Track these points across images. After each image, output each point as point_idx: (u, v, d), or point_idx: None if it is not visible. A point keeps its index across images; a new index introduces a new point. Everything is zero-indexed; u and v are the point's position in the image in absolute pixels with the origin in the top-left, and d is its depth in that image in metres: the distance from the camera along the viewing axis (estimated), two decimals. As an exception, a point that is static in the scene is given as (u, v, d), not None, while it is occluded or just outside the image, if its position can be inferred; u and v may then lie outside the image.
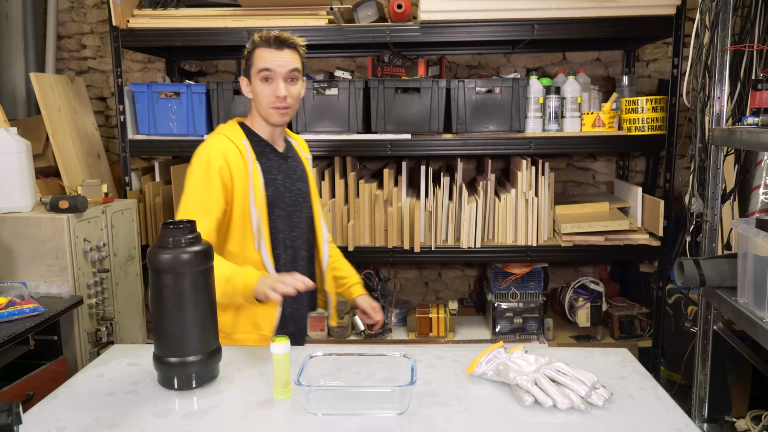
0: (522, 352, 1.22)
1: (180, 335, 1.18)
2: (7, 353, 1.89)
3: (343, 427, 1.05)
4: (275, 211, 1.71)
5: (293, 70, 1.67)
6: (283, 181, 1.74)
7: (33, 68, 3.11)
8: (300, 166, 1.84)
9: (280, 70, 1.65)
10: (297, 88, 1.70)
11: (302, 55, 1.72)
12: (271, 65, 1.64)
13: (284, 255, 1.74)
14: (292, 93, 1.68)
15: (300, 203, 1.79)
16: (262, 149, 1.73)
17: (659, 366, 2.79)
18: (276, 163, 1.74)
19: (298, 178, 1.80)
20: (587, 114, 2.63)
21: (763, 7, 2.01)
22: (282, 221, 1.73)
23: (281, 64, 1.64)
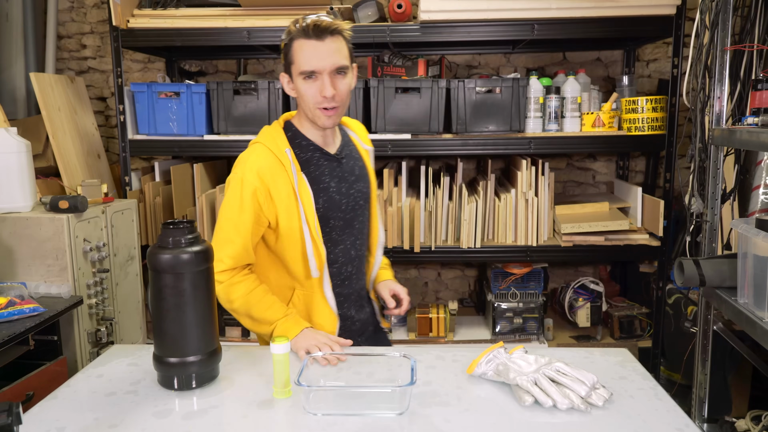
0: (522, 353, 1.22)
1: (180, 335, 1.17)
2: (7, 353, 1.88)
3: (343, 427, 1.05)
4: (330, 222, 1.51)
5: (340, 67, 1.42)
6: (337, 187, 1.53)
7: (33, 68, 3.11)
8: (358, 163, 1.60)
9: (325, 67, 1.40)
10: (346, 81, 1.46)
11: (349, 40, 1.46)
12: (314, 65, 1.40)
13: (349, 267, 1.58)
14: (341, 90, 1.44)
15: (361, 206, 1.58)
16: (309, 155, 1.51)
17: (659, 366, 2.79)
18: (328, 168, 1.52)
19: (357, 178, 1.58)
20: (587, 114, 2.63)
21: (763, 7, 2.01)
22: (340, 232, 1.54)
23: (326, 59, 1.40)
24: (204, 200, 2.69)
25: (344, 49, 1.44)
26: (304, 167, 1.49)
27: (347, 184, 1.55)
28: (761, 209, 2.20)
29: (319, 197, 1.49)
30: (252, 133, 2.69)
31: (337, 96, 1.43)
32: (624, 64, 3.11)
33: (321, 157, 1.52)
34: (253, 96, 2.67)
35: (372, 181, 1.63)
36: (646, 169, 3.20)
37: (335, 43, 1.41)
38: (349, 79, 1.47)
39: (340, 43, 1.42)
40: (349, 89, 1.48)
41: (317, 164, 1.51)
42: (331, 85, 1.42)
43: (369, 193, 1.61)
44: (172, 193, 2.75)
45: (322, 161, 1.52)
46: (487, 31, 2.54)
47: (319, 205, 1.49)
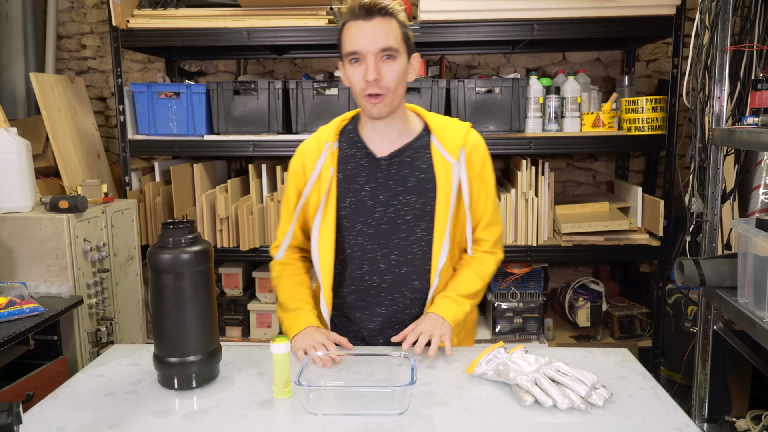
0: (522, 352, 1.22)
1: (180, 335, 1.17)
2: (7, 353, 1.88)
3: (343, 427, 1.05)
4: (357, 226, 1.43)
5: (385, 49, 1.30)
6: (372, 193, 1.42)
7: (33, 68, 3.11)
8: (419, 175, 1.42)
9: (369, 48, 1.30)
10: (396, 67, 1.33)
11: (403, 22, 1.34)
12: (357, 45, 1.30)
13: (377, 279, 1.46)
14: (387, 75, 1.32)
15: (407, 222, 1.42)
16: (353, 152, 1.44)
17: (659, 366, 2.79)
18: (366, 170, 1.43)
19: (408, 190, 1.42)
20: (587, 114, 2.63)
21: (763, 7, 2.01)
22: (369, 239, 1.44)
23: (370, 40, 1.30)
24: (204, 200, 2.69)
25: (395, 31, 1.32)
26: (342, 162, 1.44)
27: (389, 193, 1.42)
28: (761, 209, 2.20)
29: (346, 197, 1.43)
30: (252, 133, 2.69)
31: (382, 81, 1.31)
32: (624, 64, 3.11)
33: (363, 158, 1.43)
34: (253, 96, 2.67)
35: (442, 199, 1.41)
36: (646, 169, 3.20)
37: (384, 25, 1.30)
38: (399, 65, 1.33)
39: (390, 24, 1.31)
40: (399, 76, 1.34)
41: (357, 163, 1.43)
42: (375, 68, 1.30)
43: (428, 210, 1.42)
44: (172, 193, 2.75)
45: (363, 161, 1.43)
46: (487, 31, 2.54)
47: (345, 204, 1.43)
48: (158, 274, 1.16)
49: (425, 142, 1.45)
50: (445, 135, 1.44)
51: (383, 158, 1.43)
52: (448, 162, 1.41)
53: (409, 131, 1.45)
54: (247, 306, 2.92)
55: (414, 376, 1.12)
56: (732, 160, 2.21)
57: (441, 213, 1.41)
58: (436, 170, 1.42)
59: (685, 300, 2.46)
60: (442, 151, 1.42)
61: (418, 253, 1.44)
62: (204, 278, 1.19)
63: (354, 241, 1.45)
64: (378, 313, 1.49)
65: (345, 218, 1.44)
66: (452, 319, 1.40)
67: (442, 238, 1.41)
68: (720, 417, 2.13)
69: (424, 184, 1.42)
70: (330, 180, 1.41)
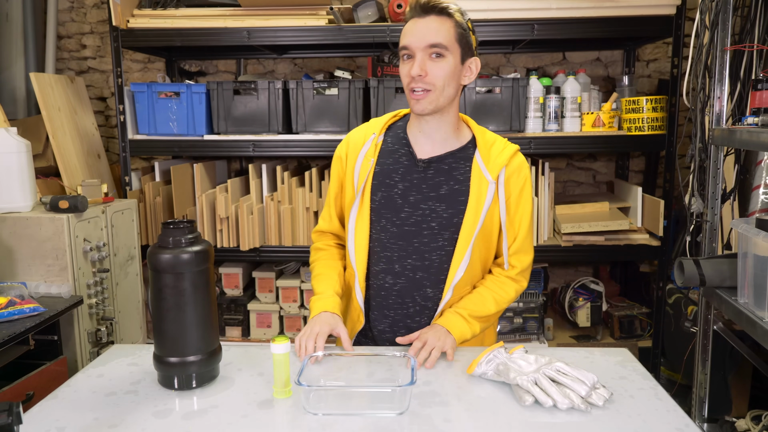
0: (522, 352, 1.22)
1: (180, 335, 1.17)
2: (7, 353, 1.89)
3: (343, 427, 1.05)
4: (382, 222, 1.44)
5: (433, 45, 1.30)
6: (404, 191, 1.42)
7: (33, 68, 3.11)
8: (453, 185, 1.40)
9: (416, 44, 1.31)
10: (443, 66, 1.32)
11: (461, 24, 1.33)
12: (407, 41, 1.32)
13: (390, 280, 1.45)
14: (432, 72, 1.32)
15: (432, 228, 1.41)
16: (394, 148, 1.45)
17: (659, 366, 2.79)
18: (404, 168, 1.43)
19: (440, 198, 1.40)
20: (587, 114, 2.63)
21: (763, 7, 2.01)
22: (391, 237, 1.44)
23: (420, 35, 1.30)
24: (204, 200, 2.69)
25: (448, 30, 1.31)
26: (383, 156, 1.45)
27: (420, 196, 1.41)
28: (761, 209, 2.20)
29: (378, 191, 1.43)
30: (252, 133, 2.69)
31: (427, 77, 1.31)
32: (624, 64, 3.11)
33: (404, 155, 1.43)
34: (253, 96, 2.67)
35: (471, 213, 1.38)
36: (646, 169, 3.20)
37: (438, 22, 1.31)
38: (448, 65, 1.32)
39: (444, 23, 1.31)
40: (447, 75, 1.32)
41: (396, 160, 1.44)
42: (421, 64, 1.31)
43: (453, 220, 1.40)
44: (172, 193, 2.75)
45: (402, 159, 1.43)
46: (487, 31, 2.55)
47: (376, 197, 1.43)
48: (158, 274, 1.16)
49: (468, 154, 1.43)
50: (489, 153, 1.43)
51: (422, 160, 1.42)
52: (486, 180, 1.40)
53: (455, 139, 1.44)
54: (247, 306, 2.92)
55: (414, 376, 1.12)
56: (732, 160, 2.21)
57: (467, 227, 1.39)
58: (471, 184, 1.40)
59: (685, 300, 2.46)
60: (483, 167, 1.41)
61: (436, 261, 1.43)
62: (204, 278, 1.19)
63: (376, 236, 1.45)
64: (387, 315, 1.49)
65: (373, 212, 1.45)
66: (458, 335, 1.38)
67: (464, 253, 1.39)
68: (720, 417, 2.13)
69: (456, 195, 1.40)
70: (369, 171, 1.44)
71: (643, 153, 3.21)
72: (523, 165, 1.46)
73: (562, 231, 2.61)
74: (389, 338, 1.49)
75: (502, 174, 1.41)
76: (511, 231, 1.46)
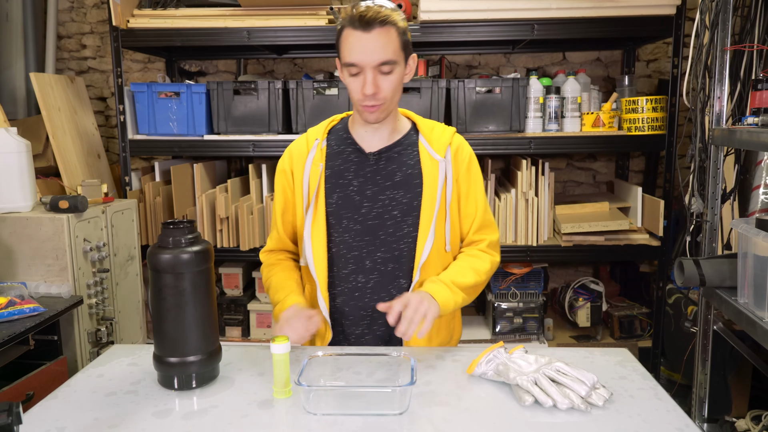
0: (522, 352, 1.22)
1: (180, 335, 1.17)
2: (7, 353, 1.89)
3: (343, 427, 1.05)
4: (343, 223, 1.43)
5: (384, 63, 1.31)
6: (360, 187, 1.43)
7: (33, 68, 3.11)
8: (406, 170, 1.43)
9: (367, 62, 1.31)
10: (393, 78, 1.34)
11: (403, 29, 1.34)
12: (356, 58, 1.31)
13: (362, 279, 1.45)
14: (384, 87, 1.34)
15: (394, 217, 1.42)
16: (342, 148, 1.46)
17: (659, 366, 2.79)
18: (355, 165, 1.44)
19: (395, 185, 1.42)
20: (587, 114, 2.63)
21: (763, 7, 2.01)
22: (354, 236, 1.43)
23: (369, 53, 1.30)
24: (204, 200, 2.69)
25: (394, 42, 1.31)
26: (330, 159, 1.45)
27: (376, 188, 1.42)
28: (761, 209, 2.20)
29: (334, 193, 1.43)
30: (252, 133, 2.69)
31: (379, 94, 1.33)
32: (624, 64, 3.11)
33: (352, 153, 1.45)
34: (253, 96, 2.67)
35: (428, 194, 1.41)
36: (646, 169, 3.20)
37: (383, 36, 1.29)
38: (397, 76, 1.35)
39: (389, 35, 1.30)
40: (396, 86, 1.36)
41: (345, 159, 1.45)
42: (373, 82, 1.32)
43: (413, 204, 1.41)
44: (172, 193, 2.76)
45: (351, 157, 1.45)
46: (487, 31, 2.54)
47: (333, 200, 1.43)
48: (158, 274, 1.16)
49: (413, 140, 1.47)
50: (432, 135, 1.47)
51: (372, 153, 1.44)
52: (435, 159, 1.44)
53: (398, 130, 1.48)
54: (247, 306, 2.92)
55: (414, 376, 1.12)
56: (732, 160, 2.21)
57: (427, 208, 1.41)
58: (423, 166, 1.44)
59: (685, 300, 2.46)
60: (429, 149, 1.45)
61: (405, 249, 1.43)
62: (204, 278, 1.19)
63: (340, 239, 1.44)
64: (364, 316, 1.47)
65: (331, 215, 1.44)
66: (442, 301, 1.34)
67: (427, 233, 1.41)
68: (720, 417, 2.13)
69: (411, 179, 1.43)
70: (319, 176, 1.43)
71: (643, 153, 3.21)
72: (463, 142, 1.52)
73: (562, 231, 2.61)
74: (369, 341, 1.48)
75: (448, 151, 1.46)
76: (470, 207, 1.49)
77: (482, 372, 1.22)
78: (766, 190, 2.20)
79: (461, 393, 1.18)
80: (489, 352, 1.23)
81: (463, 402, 1.14)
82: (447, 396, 1.16)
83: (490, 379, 1.21)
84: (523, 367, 1.17)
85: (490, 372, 1.21)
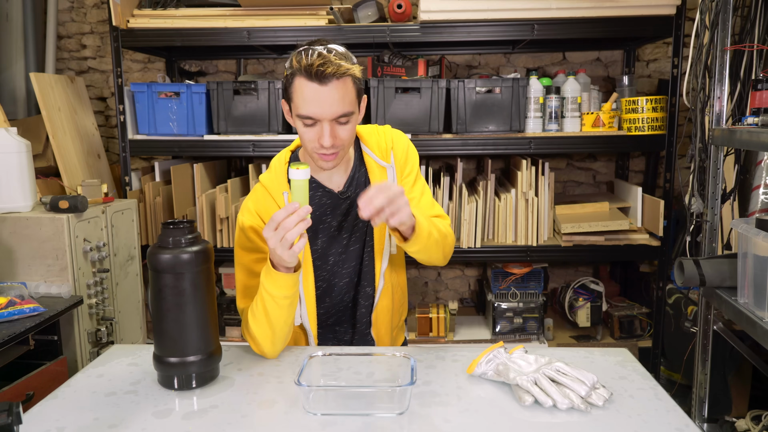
0: (522, 352, 1.22)
1: (180, 335, 1.17)
2: (7, 353, 1.89)
3: (343, 427, 1.05)
4: (330, 260, 1.46)
5: (342, 115, 1.27)
6: (339, 225, 1.44)
7: (33, 68, 3.11)
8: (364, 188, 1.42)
9: (325, 115, 1.26)
10: (349, 127, 1.31)
11: (357, 77, 1.29)
12: (313, 111, 1.25)
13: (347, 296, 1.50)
14: (342, 137, 1.29)
15: (365, 234, 1.47)
16: (311, 194, 1.39)
17: (659, 366, 2.79)
18: (330, 207, 1.43)
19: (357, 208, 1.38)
20: (587, 114, 2.63)
21: (763, 7, 2.01)
22: (341, 266, 1.47)
23: (326, 107, 1.25)
24: (204, 200, 2.69)
25: (351, 92, 1.27)
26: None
27: (350, 217, 1.44)
28: (761, 209, 2.20)
29: (317, 239, 1.43)
30: (252, 133, 2.69)
31: (337, 143, 1.29)
32: (624, 64, 3.11)
33: (324, 196, 1.42)
34: (253, 96, 2.67)
35: None
36: (646, 169, 3.20)
37: (340, 89, 1.24)
38: (353, 123, 1.32)
39: (346, 87, 1.26)
40: (353, 132, 1.33)
41: (319, 203, 1.42)
42: (331, 134, 1.27)
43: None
44: (172, 193, 2.76)
45: (324, 200, 1.42)
46: (487, 31, 2.55)
47: (317, 246, 1.43)
48: (158, 274, 1.16)
49: (359, 155, 1.47)
50: (371, 141, 1.46)
51: (340, 193, 1.43)
52: (382, 166, 1.44)
53: (350, 156, 1.45)
54: (247, 306, 2.91)
55: (414, 376, 1.12)
56: (732, 160, 2.21)
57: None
58: (370, 176, 1.44)
59: (685, 300, 2.46)
60: (374, 156, 1.44)
61: (366, 259, 1.48)
62: (204, 278, 1.19)
63: (328, 274, 1.46)
64: (347, 330, 1.54)
65: (319, 258, 1.44)
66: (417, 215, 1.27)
67: (383, 240, 1.45)
68: (720, 417, 2.13)
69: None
70: None
71: (643, 153, 3.21)
72: (397, 136, 1.49)
73: (562, 231, 2.61)
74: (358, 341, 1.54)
75: (392, 156, 1.46)
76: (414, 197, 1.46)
77: (482, 372, 1.22)
78: (766, 190, 2.20)
79: (461, 393, 1.18)
80: (489, 352, 1.23)
81: (463, 402, 1.14)
82: (447, 396, 1.16)
83: (490, 379, 1.21)
84: (523, 367, 1.17)
85: (490, 372, 1.21)
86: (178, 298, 1.16)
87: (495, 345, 1.25)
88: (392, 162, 1.46)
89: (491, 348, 1.24)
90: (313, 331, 1.47)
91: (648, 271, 3.05)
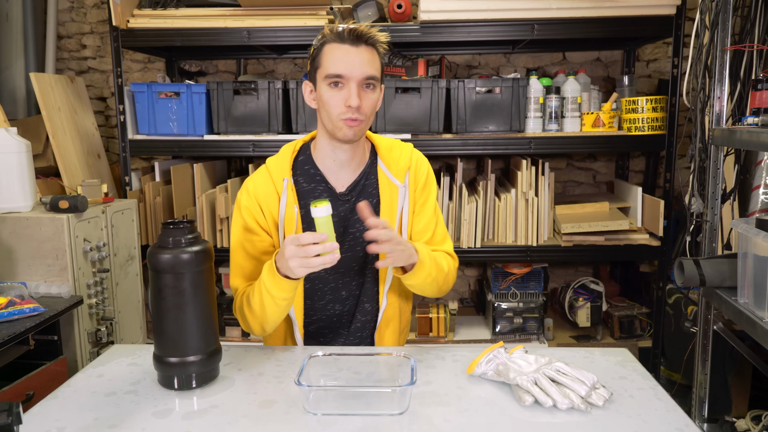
0: (522, 352, 1.22)
1: (180, 335, 1.17)
2: (7, 353, 1.88)
3: (343, 427, 1.05)
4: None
5: (370, 78, 1.33)
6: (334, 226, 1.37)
7: (33, 68, 3.11)
8: (371, 200, 1.42)
9: (354, 74, 1.31)
10: (374, 97, 1.36)
11: (382, 56, 1.38)
12: (343, 69, 1.30)
13: (338, 306, 1.49)
14: (367, 103, 1.34)
15: (362, 247, 1.41)
16: (311, 186, 1.43)
17: (659, 366, 2.79)
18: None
19: (359, 220, 1.39)
20: (587, 114, 2.63)
21: (763, 7, 2.01)
22: (331, 272, 1.45)
23: (357, 66, 1.31)
24: (204, 200, 2.69)
25: (377, 62, 1.35)
26: (302, 198, 1.42)
27: (347, 223, 1.43)
28: (761, 209, 2.20)
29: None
30: (252, 133, 2.69)
31: (362, 108, 1.32)
32: (624, 64, 3.11)
33: (324, 192, 1.43)
34: (253, 96, 2.68)
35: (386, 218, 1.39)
36: (646, 169, 3.20)
37: (369, 53, 1.33)
38: (377, 95, 1.37)
39: (373, 54, 1.34)
40: (376, 106, 1.37)
41: (319, 197, 1.42)
42: (358, 95, 1.31)
43: None
44: (172, 193, 2.76)
45: (324, 196, 1.43)
46: (487, 31, 2.54)
47: None
48: (158, 274, 1.16)
49: (373, 166, 1.47)
50: (390, 157, 1.47)
51: (343, 193, 1.44)
52: (395, 185, 1.44)
53: (363, 158, 1.47)
54: (247, 306, 2.91)
55: (414, 376, 1.12)
56: (732, 160, 2.21)
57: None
58: (381, 194, 1.44)
59: (685, 300, 2.46)
60: (388, 173, 1.45)
61: (369, 276, 1.48)
62: (204, 278, 1.19)
63: (316, 275, 1.44)
64: (338, 342, 1.53)
65: None
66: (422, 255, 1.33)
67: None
68: (720, 417, 2.13)
69: (374, 208, 1.41)
70: (297, 219, 1.40)
71: (643, 153, 3.21)
72: (420, 159, 1.50)
73: (562, 231, 2.61)
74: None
75: (407, 176, 1.46)
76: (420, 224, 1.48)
77: (482, 372, 1.22)
78: (766, 190, 2.20)
79: (461, 393, 1.18)
80: (489, 352, 1.23)
81: (463, 402, 1.14)
82: (447, 396, 1.16)
83: (490, 379, 1.21)
84: (523, 367, 1.17)
85: (490, 372, 1.21)
86: (178, 298, 1.16)
87: (495, 345, 1.25)
88: (406, 182, 1.45)
89: (491, 348, 1.24)
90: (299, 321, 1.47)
91: (648, 271, 3.05)
